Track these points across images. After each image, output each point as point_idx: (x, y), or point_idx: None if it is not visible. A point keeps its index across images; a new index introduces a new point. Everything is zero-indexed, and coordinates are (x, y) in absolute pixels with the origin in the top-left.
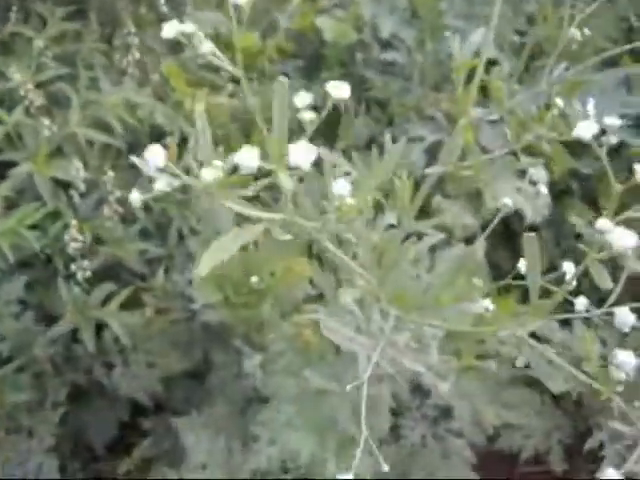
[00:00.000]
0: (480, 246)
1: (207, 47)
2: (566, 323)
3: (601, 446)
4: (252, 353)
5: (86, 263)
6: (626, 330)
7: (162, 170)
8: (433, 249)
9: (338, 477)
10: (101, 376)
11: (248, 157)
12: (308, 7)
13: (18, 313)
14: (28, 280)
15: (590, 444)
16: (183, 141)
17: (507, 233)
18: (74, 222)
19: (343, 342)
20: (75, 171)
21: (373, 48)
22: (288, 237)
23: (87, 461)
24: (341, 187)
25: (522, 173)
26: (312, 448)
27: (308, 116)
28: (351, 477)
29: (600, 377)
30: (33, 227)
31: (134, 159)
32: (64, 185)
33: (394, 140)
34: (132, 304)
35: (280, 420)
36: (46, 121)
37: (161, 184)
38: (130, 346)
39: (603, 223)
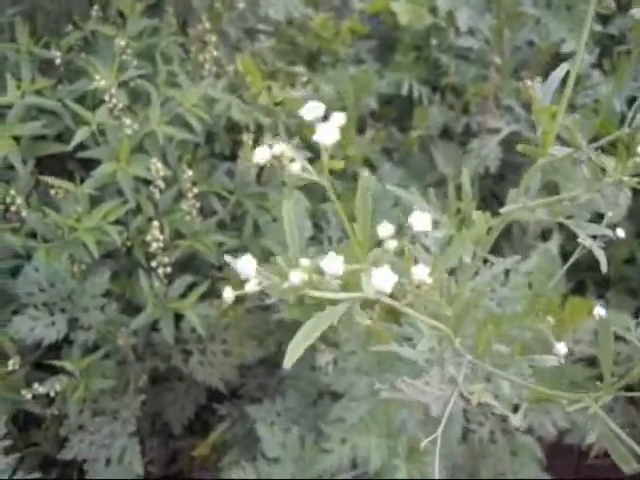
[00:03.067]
0: (555, 244)
1: (296, 167)
2: None
3: None
4: (325, 349)
5: (166, 260)
6: None
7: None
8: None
9: None
10: (179, 363)
11: (333, 264)
12: None
13: (104, 305)
14: (111, 271)
15: None
16: (259, 130)
17: None
18: (156, 223)
19: (415, 395)
20: (155, 171)
21: (449, 33)
22: (368, 322)
23: (165, 439)
24: (420, 272)
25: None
26: (383, 453)
27: (391, 246)
28: None
29: None
30: (116, 222)
31: (230, 261)
32: (145, 181)
33: (469, 130)
34: (209, 294)
35: (351, 420)
36: (128, 121)
37: (252, 285)
38: (207, 335)
39: None
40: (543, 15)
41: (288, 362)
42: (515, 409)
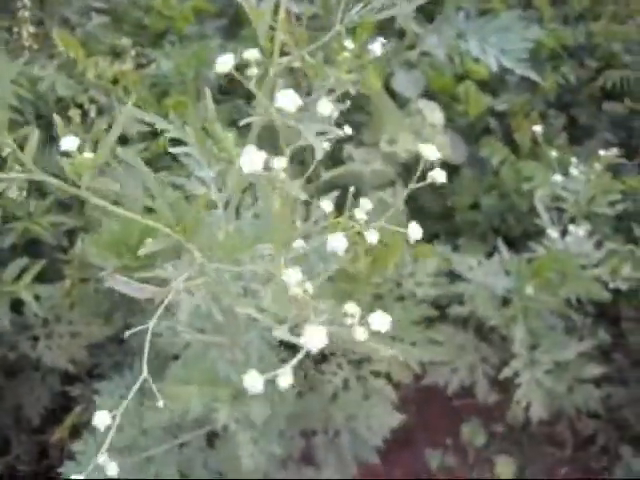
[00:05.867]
0: (397, 193)
1: None
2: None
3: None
4: (163, 314)
5: None
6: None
7: None
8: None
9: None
10: (27, 350)
11: None
12: None
13: None
14: None
15: (506, 373)
16: (99, 111)
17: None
18: None
19: (133, 292)
20: None
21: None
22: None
23: (30, 434)
24: (69, 143)
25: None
26: (202, 401)
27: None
28: None
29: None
30: None
31: None
32: None
33: (310, 93)
34: (55, 277)
35: (178, 376)
36: None
37: None
38: (52, 318)
39: None
40: None
41: None
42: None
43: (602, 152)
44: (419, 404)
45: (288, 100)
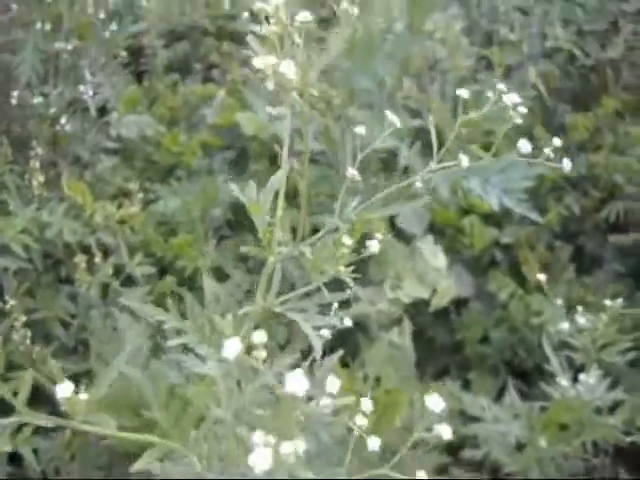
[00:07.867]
0: (405, 332)
1: None
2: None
3: None
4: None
5: None
6: None
7: None
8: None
9: None
10: None
11: None
12: (234, 101)
13: None
14: None
15: None
16: (105, 253)
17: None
18: None
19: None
20: None
21: (295, 139)
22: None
23: None
24: (64, 391)
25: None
26: None
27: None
28: None
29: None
30: None
31: None
32: None
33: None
34: (55, 428)
35: None
36: None
37: None
38: (51, 470)
39: None
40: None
41: None
42: None
43: (608, 302)
44: None
45: (297, 383)
